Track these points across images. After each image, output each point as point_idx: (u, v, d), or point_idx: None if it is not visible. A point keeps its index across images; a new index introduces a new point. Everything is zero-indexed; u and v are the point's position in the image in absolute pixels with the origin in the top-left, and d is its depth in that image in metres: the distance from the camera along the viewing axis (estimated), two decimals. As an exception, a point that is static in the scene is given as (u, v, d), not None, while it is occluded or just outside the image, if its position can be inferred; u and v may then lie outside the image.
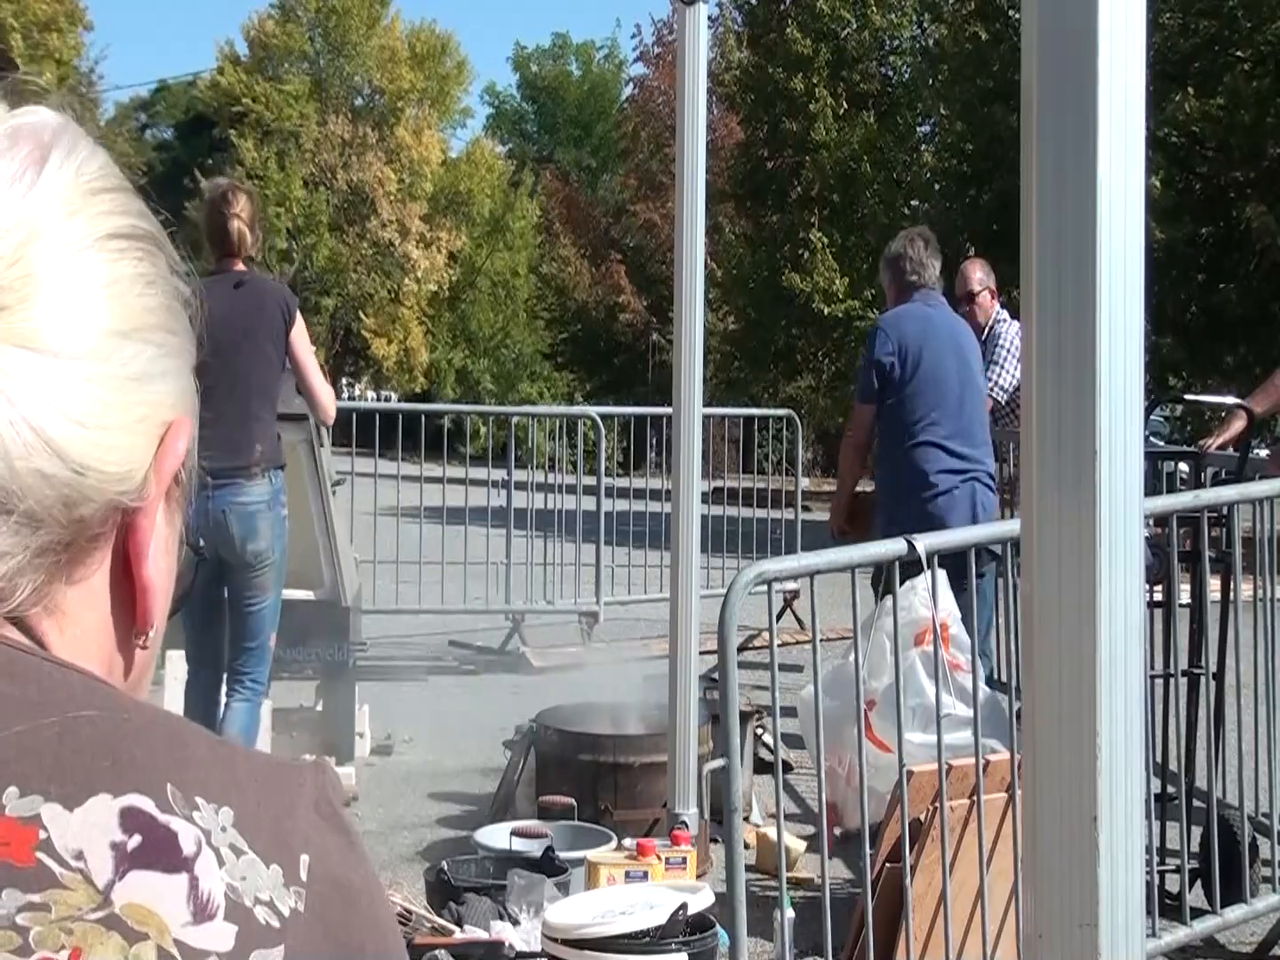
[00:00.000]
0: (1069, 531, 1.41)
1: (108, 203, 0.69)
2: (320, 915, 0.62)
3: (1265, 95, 15.47)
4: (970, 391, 5.18)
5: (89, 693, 0.63)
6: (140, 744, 0.62)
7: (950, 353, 5.14)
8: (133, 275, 0.69)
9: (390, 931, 0.67)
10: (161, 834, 0.59)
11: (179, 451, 0.70)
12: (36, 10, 28.36)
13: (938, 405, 5.07)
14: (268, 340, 4.49)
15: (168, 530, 0.72)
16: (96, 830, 0.58)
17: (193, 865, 0.59)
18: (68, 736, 0.60)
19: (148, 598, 0.70)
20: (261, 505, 4.43)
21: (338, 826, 0.66)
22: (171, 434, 0.70)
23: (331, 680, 5.53)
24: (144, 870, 0.58)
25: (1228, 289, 16.03)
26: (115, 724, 0.62)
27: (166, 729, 0.64)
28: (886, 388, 5.08)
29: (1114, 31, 1.38)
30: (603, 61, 44.48)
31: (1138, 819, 1.44)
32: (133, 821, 0.59)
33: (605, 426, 9.59)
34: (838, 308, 22.48)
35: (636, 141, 36.50)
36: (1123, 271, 1.40)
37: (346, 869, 0.65)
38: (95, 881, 0.57)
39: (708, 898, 3.26)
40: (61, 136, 0.68)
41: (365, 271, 35.06)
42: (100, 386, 0.66)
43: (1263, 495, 4.03)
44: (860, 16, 23.70)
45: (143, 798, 0.60)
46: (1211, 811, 3.99)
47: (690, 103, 4.06)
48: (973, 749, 3.43)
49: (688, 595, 4.10)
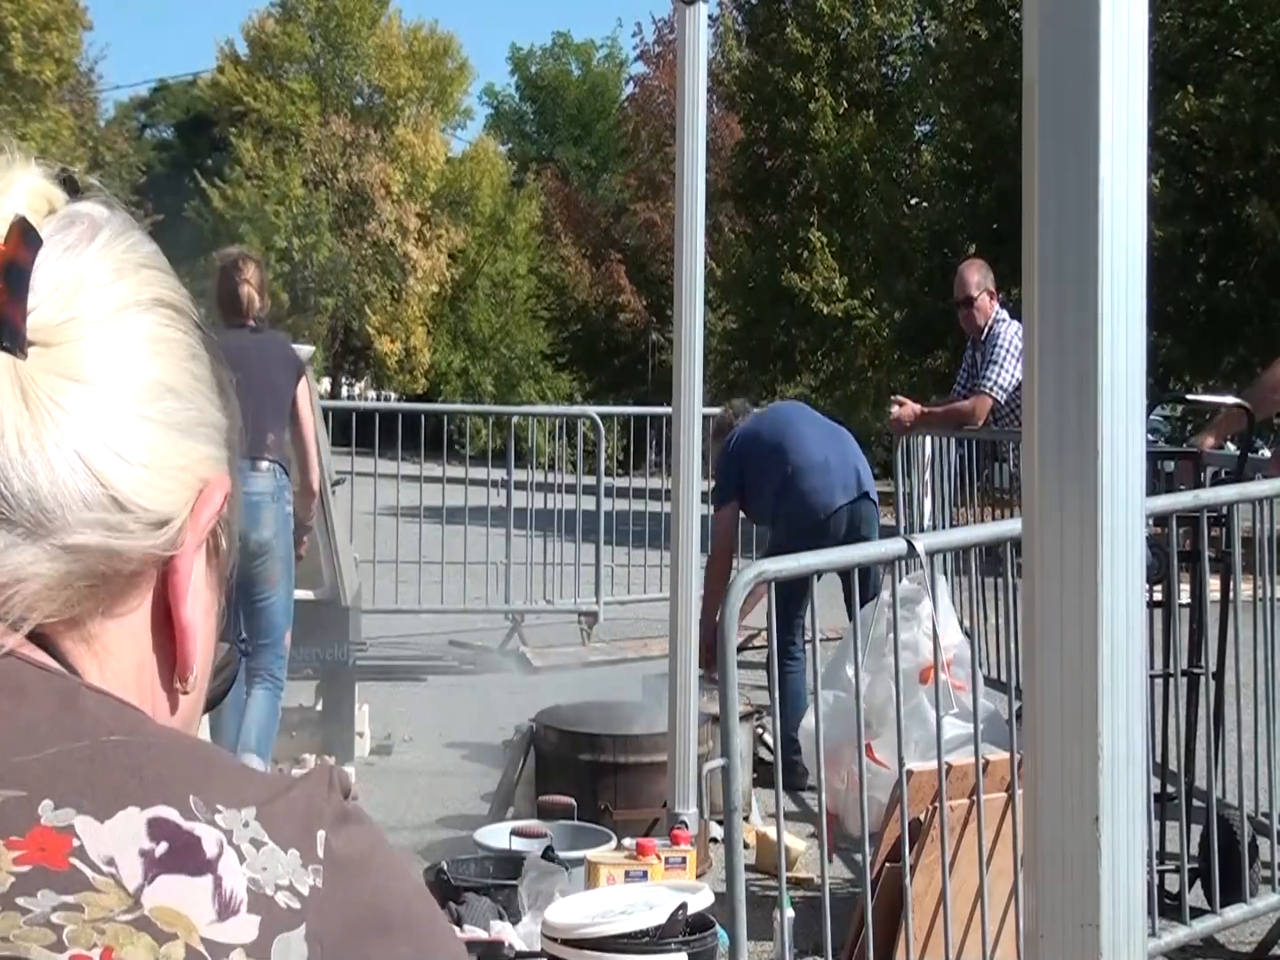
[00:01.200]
0: (1070, 531, 1.40)
1: (154, 277, 0.73)
2: (337, 884, 0.65)
3: (1265, 94, 15.47)
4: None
5: (119, 718, 0.67)
6: (165, 764, 0.65)
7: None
8: (178, 340, 0.73)
9: (411, 888, 0.69)
10: (186, 839, 0.63)
11: (216, 503, 0.73)
12: (36, 9, 28.33)
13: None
14: (279, 368, 4.65)
15: (207, 592, 0.76)
16: (126, 839, 0.62)
17: (216, 866, 0.62)
18: (98, 758, 0.64)
19: (187, 641, 0.73)
20: (265, 497, 4.51)
21: (348, 807, 0.69)
22: (210, 488, 0.73)
23: (331, 680, 5.53)
24: (171, 874, 0.62)
25: (1227, 287, 16.03)
26: (143, 747, 0.66)
27: (190, 751, 0.68)
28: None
29: (1115, 31, 1.38)
30: (603, 61, 44.49)
31: (1139, 819, 1.44)
32: (159, 830, 0.62)
33: (605, 426, 9.59)
34: (837, 307, 22.48)
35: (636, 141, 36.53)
36: (1124, 271, 1.40)
37: (359, 840, 0.68)
38: (126, 886, 0.61)
39: (707, 898, 3.25)
40: (113, 220, 0.73)
41: (365, 271, 35.06)
42: (144, 426, 0.70)
43: (1262, 495, 4.03)
44: (860, 16, 23.71)
45: (168, 809, 0.63)
46: (1211, 811, 3.98)
47: (690, 102, 4.05)
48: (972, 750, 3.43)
49: (688, 595, 4.10)
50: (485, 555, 8.83)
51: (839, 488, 5.64)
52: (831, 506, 5.59)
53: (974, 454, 6.71)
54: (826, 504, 5.59)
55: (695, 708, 4.12)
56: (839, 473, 5.66)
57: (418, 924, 0.68)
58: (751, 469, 5.74)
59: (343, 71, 36.55)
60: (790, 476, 5.60)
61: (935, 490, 6.76)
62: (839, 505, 5.61)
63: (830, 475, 5.63)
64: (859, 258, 22.75)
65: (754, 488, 5.74)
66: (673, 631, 4.11)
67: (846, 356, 23.32)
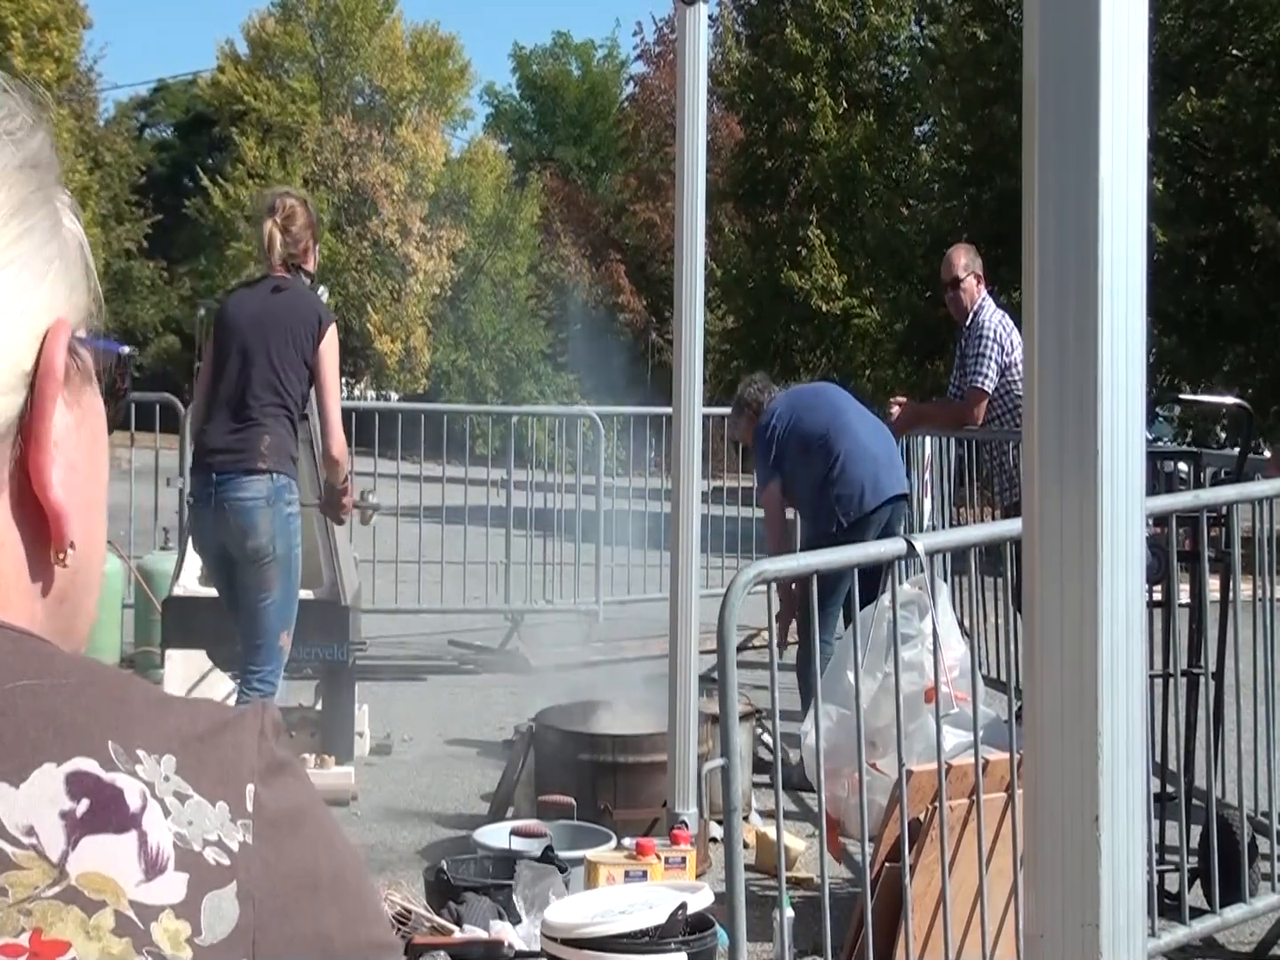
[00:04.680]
0: (1071, 531, 1.41)
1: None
2: (268, 841, 0.62)
3: (1266, 95, 15.47)
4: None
5: (22, 657, 0.62)
6: (79, 706, 0.61)
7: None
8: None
9: (343, 849, 0.66)
10: (108, 793, 0.59)
11: (60, 346, 0.67)
12: (36, 8, 28.34)
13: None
14: (290, 345, 4.55)
15: (80, 435, 0.69)
16: (44, 802, 0.58)
17: (140, 820, 0.59)
18: (6, 710, 0.60)
19: (60, 523, 0.67)
20: (260, 501, 4.45)
21: (280, 756, 0.66)
22: (53, 333, 0.67)
23: (331, 680, 5.52)
24: (95, 835, 0.58)
25: (1228, 289, 16.02)
26: (53, 689, 0.61)
27: (103, 686, 0.63)
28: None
29: (1116, 32, 1.38)
30: (603, 61, 44.49)
31: (1139, 819, 1.44)
32: (78, 786, 0.59)
33: (604, 426, 9.59)
34: (836, 305, 22.49)
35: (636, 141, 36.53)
36: (1124, 272, 1.40)
37: (291, 795, 0.65)
38: (49, 855, 0.57)
39: (707, 897, 3.25)
40: None
41: (366, 271, 35.06)
42: None
43: (1262, 495, 4.03)
44: (859, 16, 23.72)
45: (86, 760, 0.60)
46: (1211, 811, 3.98)
47: (690, 102, 4.06)
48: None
49: (688, 595, 4.10)
50: (485, 555, 8.83)
51: (891, 480, 5.67)
52: (882, 496, 5.59)
53: (973, 453, 6.71)
54: (878, 491, 5.59)
55: (695, 708, 4.12)
56: (887, 466, 5.70)
57: (347, 887, 0.65)
58: (796, 452, 5.67)
59: (344, 72, 36.54)
60: (841, 461, 5.58)
61: (935, 490, 6.77)
62: (888, 497, 5.62)
63: (879, 467, 5.65)
64: (858, 256, 22.76)
65: (798, 473, 5.68)
66: (673, 631, 4.11)
67: (845, 354, 23.32)
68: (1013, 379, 6.19)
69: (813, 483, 5.63)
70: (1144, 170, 1.41)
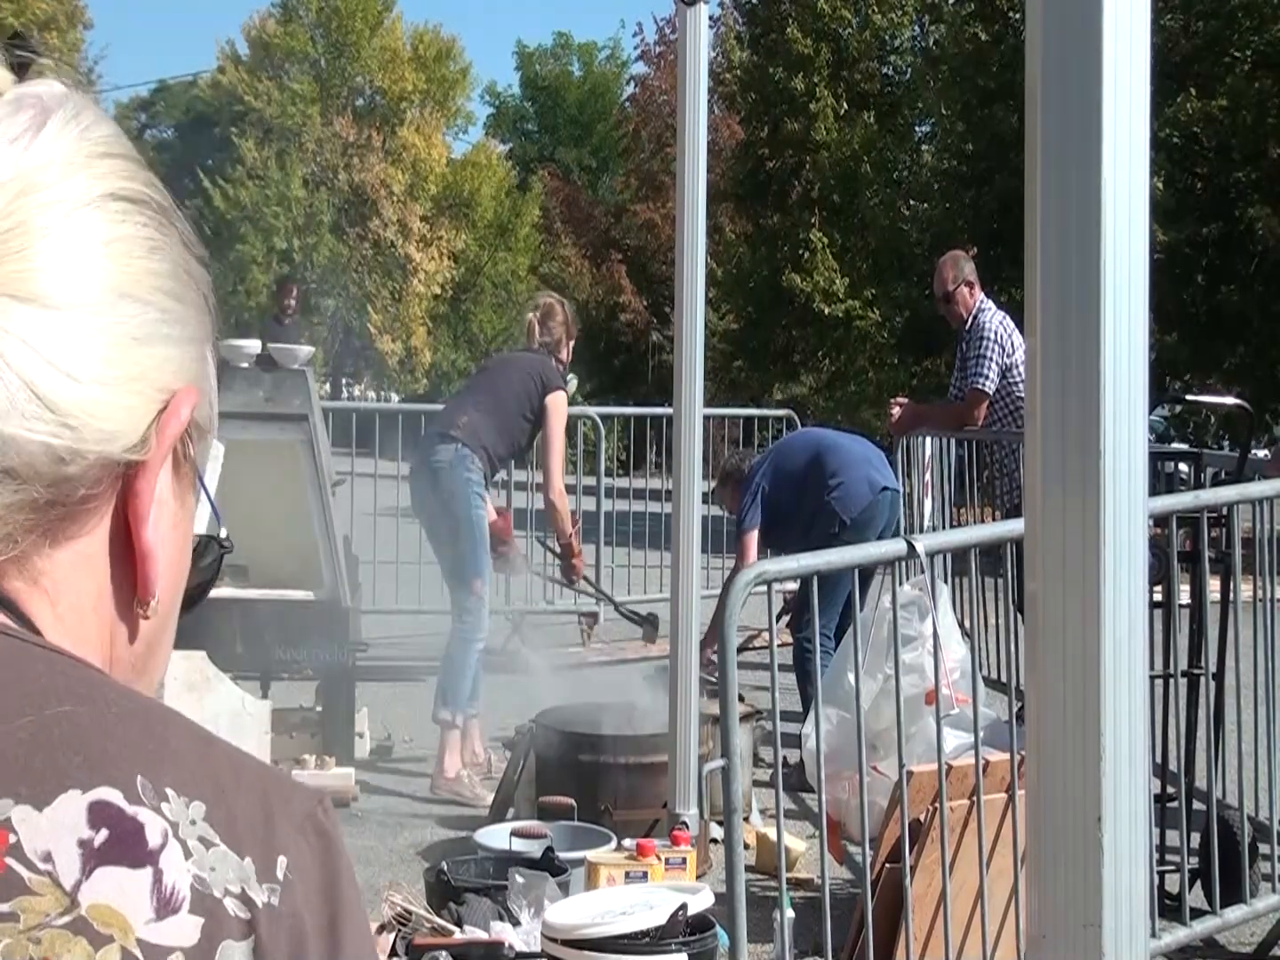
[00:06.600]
0: (1073, 531, 1.41)
1: (111, 167, 0.67)
2: (295, 915, 0.61)
3: (1266, 96, 15.48)
4: None
5: (71, 684, 0.61)
6: (115, 737, 0.61)
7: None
8: (136, 237, 0.67)
9: (365, 936, 0.64)
10: (129, 826, 0.58)
11: (183, 418, 0.68)
12: (36, 9, 28.36)
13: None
14: (515, 377, 5.60)
15: (176, 505, 0.70)
16: (64, 829, 0.57)
17: (158, 858, 0.58)
18: (40, 734, 0.59)
19: (148, 564, 0.67)
20: (444, 465, 5.33)
21: (325, 847, 0.64)
22: (176, 400, 0.68)
23: (331, 680, 5.52)
24: (110, 867, 0.57)
25: (1229, 289, 16.02)
26: (92, 717, 0.61)
27: (145, 721, 0.62)
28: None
29: (1118, 33, 1.38)
30: (604, 62, 44.47)
31: (1141, 819, 1.44)
32: (100, 815, 0.58)
33: (605, 426, 9.59)
34: (838, 307, 22.47)
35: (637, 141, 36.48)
36: (1127, 272, 1.40)
37: (325, 868, 0.63)
38: (63, 883, 0.57)
39: (707, 898, 3.25)
40: (66, 103, 0.67)
41: (366, 271, 35.06)
42: (96, 341, 0.64)
43: (1262, 495, 4.02)
44: (861, 16, 23.71)
45: (111, 790, 0.59)
46: (1211, 812, 3.98)
47: (691, 103, 4.05)
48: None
49: (688, 595, 4.10)
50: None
51: (884, 475, 5.85)
52: (878, 486, 5.73)
53: (974, 454, 6.71)
54: (873, 484, 5.72)
55: (695, 708, 4.11)
56: (879, 466, 5.88)
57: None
58: (786, 478, 5.85)
59: (344, 73, 36.53)
60: (836, 470, 5.74)
61: (935, 490, 6.77)
62: (882, 486, 5.76)
63: (871, 467, 5.82)
64: (860, 258, 22.75)
65: (794, 500, 5.83)
66: (673, 631, 4.11)
67: (847, 357, 23.30)
68: (1014, 380, 6.20)
69: (813, 498, 5.74)
70: (1146, 170, 1.41)
